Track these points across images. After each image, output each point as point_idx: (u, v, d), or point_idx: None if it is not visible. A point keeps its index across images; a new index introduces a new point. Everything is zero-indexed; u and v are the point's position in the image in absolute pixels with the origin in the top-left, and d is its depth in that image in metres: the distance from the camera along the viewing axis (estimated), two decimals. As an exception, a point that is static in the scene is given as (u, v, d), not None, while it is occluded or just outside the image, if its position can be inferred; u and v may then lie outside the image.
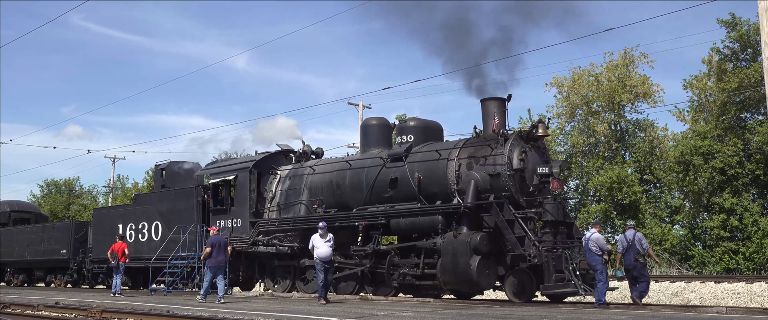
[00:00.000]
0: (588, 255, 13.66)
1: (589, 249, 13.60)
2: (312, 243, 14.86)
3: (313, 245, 14.78)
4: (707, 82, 35.31)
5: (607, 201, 36.03)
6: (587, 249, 13.64)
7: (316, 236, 14.86)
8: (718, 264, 31.03)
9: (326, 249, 14.63)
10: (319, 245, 14.63)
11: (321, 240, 14.67)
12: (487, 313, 11.36)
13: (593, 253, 13.55)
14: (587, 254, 13.69)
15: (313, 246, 14.79)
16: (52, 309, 14.10)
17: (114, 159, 53.97)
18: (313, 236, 14.97)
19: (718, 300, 19.66)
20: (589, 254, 13.61)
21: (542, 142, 16.36)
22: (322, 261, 14.60)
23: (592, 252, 13.55)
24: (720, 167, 31.77)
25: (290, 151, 21.20)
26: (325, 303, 14.05)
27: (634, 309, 13.06)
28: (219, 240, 15.76)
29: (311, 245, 14.87)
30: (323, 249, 14.59)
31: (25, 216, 34.01)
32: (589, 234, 13.75)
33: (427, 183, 16.31)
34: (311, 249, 14.90)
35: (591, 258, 13.59)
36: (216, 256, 15.48)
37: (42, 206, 56.66)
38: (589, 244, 13.59)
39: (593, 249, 13.55)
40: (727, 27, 32.55)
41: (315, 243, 14.75)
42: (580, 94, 38.44)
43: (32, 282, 31.01)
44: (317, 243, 14.70)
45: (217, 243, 15.60)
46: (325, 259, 14.63)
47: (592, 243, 13.55)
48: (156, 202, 23.15)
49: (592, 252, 13.55)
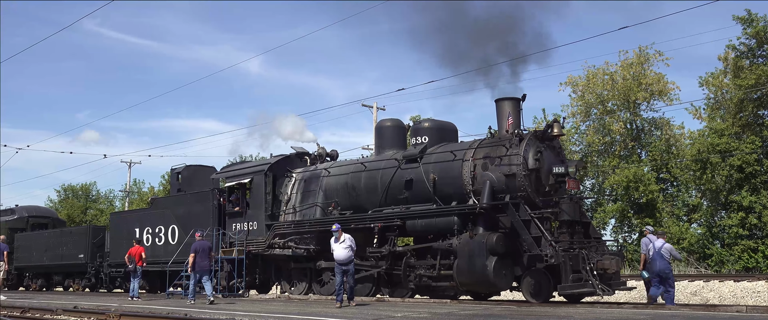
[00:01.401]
0: (660, 262, 14.42)
1: (662, 256, 14.44)
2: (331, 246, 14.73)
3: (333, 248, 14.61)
4: (723, 79, 35.06)
5: (623, 200, 35.84)
6: (659, 256, 14.42)
7: (332, 239, 14.74)
8: (736, 262, 30.78)
9: (341, 252, 14.42)
10: (335, 248, 14.50)
11: (336, 243, 14.53)
12: (504, 314, 11.31)
13: (665, 261, 14.48)
14: (658, 261, 14.42)
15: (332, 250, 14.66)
16: (71, 313, 14.17)
17: (130, 163, 54.40)
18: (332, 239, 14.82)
19: (738, 299, 19.50)
20: (662, 261, 14.43)
21: (557, 142, 16.29)
22: (338, 263, 14.42)
23: (665, 260, 14.47)
24: (738, 165, 31.50)
25: (305, 153, 21.23)
26: (340, 305, 13.91)
27: (653, 308, 12.97)
28: (202, 246, 17.00)
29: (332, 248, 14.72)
30: (338, 251, 14.42)
31: (42, 221, 34.26)
32: (661, 243, 14.56)
33: (443, 184, 16.27)
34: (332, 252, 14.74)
35: (663, 265, 14.44)
36: (200, 261, 16.74)
37: (59, 211, 57.05)
38: (663, 252, 14.44)
39: (666, 257, 14.48)
40: (743, 23, 32.27)
41: (333, 246, 14.60)
42: (595, 92, 38.28)
43: (50, 286, 31.22)
44: (332, 246, 14.59)
45: (200, 248, 16.87)
46: (342, 262, 14.43)
47: (666, 252, 14.48)
48: (172, 206, 23.24)
49: (665, 259, 14.47)
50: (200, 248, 16.88)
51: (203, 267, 16.79)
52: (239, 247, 20.09)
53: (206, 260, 16.92)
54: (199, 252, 16.79)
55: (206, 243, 17.49)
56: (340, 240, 14.41)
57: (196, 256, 16.69)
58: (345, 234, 14.62)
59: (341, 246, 14.41)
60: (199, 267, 16.74)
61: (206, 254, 16.96)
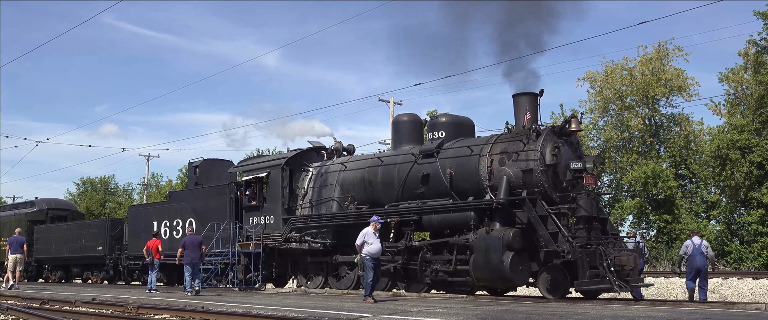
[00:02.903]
0: (700, 258, 15.64)
1: (702, 253, 15.69)
2: (363, 239, 13.74)
3: (365, 240, 13.88)
4: (744, 75, 34.71)
5: (641, 196, 35.61)
6: (700, 253, 15.66)
7: (369, 230, 13.83)
8: (756, 259, 30.52)
9: (378, 245, 13.88)
10: (372, 240, 13.74)
11: (374, 236, 13.79)
12: (520, 310, 11.28)
13: (704, 257, 15.72)
14: (698, 258, 15.62)
15: (365, 242, 13.72)
16: (89, 305, 14.28)
17: (148, 157, 54.65)
18: (366, 230, 13.86)
19: (757, 296, 19.34)
20: (701, 258, 15.64)
21: (575, 137, 16.20)
22: (372, 257, 13.76)
23: (704, 256, 15.71)
24: (758, 161, 31.19)
25: (322, 147, 21.27)
26: (373, 301, 13.26)
27: (670, 305, 12.90)
28: (192, 240, 18.12)
29: (362, 240, 13.74)
30: (376, 245, 13.79)
31: (62, 213, 34.58)
32: (700, 241, 15.88)
33: (459, 179, 16.24)
34: (360, 245, 13.77)
35: (703, 262, 15.66)
36: (190, 254, 17.79)
37: (78, 204, 57.56)
38: (702, 249, 15.71)
39: (705, 254, 15.76)
40: (763, 18, 31.91)
41: (367, 238, 13.74)
42: (613, 88, 38.03)
43: (69, 278, 31.51)
44: (369, 239, 13.74)
45: (190, 242, 18.01)
46: (377, 255, 13.89)
47: (704, 248, 15.82)
48: (190, 199, 23.38)
49: (704, 255, 15.71)
50: (190, 242, 18.02)
51: (194, 259, 17.80)
52: (256, 241, 20.17)
53: (197, 253, 17.92)
54: (189, 246, 17.88)
55: (197, 237, 18.57)
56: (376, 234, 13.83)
57: (185, 249, 17.84)
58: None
59: (378, 240, 13.87)
60: (190, 259, 17.76)
61: (196, 247, 17.98)
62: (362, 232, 13.87)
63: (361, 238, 13.76)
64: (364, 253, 13.72)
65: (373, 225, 13.90)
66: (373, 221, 14.03)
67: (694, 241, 15.85)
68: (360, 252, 13.78)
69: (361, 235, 13.80)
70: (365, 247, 13.70)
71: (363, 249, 13.72)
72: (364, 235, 13.77)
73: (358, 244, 13.78)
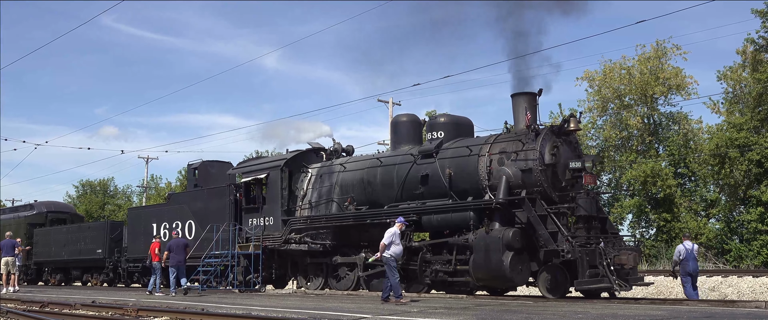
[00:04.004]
0: (692, 263, 15.92)
1: (695, 257, 16.07)
2: (391, 239, 13.34)
3: (392, 241, 13.35)
4: (742, 73, 34.75)
5: (640, 195, 35.62)
6: (693, 258, 15.98)
7: (396, 231, 13.51)
8: (755, 257, 30.53)
9: (402, 248, 13.70)
10: (398, 241, 13.47)
11: (399, 237, 13.52)
12: (520, 309, 11.28)
13: (696, 261, 16.19)
14: (691, 262, 15.87)
15: (392, 243, 13.35)
16: (89, 307, 14.28)
17: (147, 159, 54.63)
18: (394, 230, 13.48)
19: (757, 294, 19.34)
20: (694, 262, 15.97)
21: (574, 137, 16.20)
22: (396, 259, 13.47)
23: (696, 261, 16.16)
24: (757, 159, 31.23)
25: (321, 148, 21.25)
26: (406, 301, 13.01)
27: (670, 304, 12.90)
28: (177, 243, 19.18)
29: (390, 240, 13.33)
30: (400, 246, 13.61)
31: (61, 216, 34.56)
32: (692, 245, 16.18)
33: (459, 179, 16.24)
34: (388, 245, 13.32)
35: (695, 266, 16.07)
36: (176, 256, 18.86)
37: (78, 206, 57.53)
38: (694, 253, 16.04)
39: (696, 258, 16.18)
40: (762, 17, 31.97)
41: (394, 239, 13.36)
42: (611, 87, 38.05)
43: (69, 281, 31.48)
44: (396, 239, 13.42)
45: (175, 245, 19.06)
46: (399, 257, 13.66)
47: (696, 252, 16.25)
48: (189, 201, 23.36)
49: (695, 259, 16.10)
50: (175, 245, 19.08)
51: (179, 261, 18.87)
52: (256, 242, 20.17)
53: (181, 255, 18.98)
54: (174, 249, 18.92)
55: (182, 240, 19.72)
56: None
57: (170, 252, 18.88)
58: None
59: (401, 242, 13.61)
60: (176, 261, 18.86)
61: (181, 250, 19.04)
62: (390, 232, 13.48)
63: (389, 238, 13.37)
64: (388, 254, 13.36)
65: (399, 226, 13.61)
66: (400, 222, 13.74)
67: (687, 246, 16.02)
68: (383, 252, 13.36)
69: (388, 235, 13.42)
70: (392, 248, 13.38)
71: (389, 251, 13.33)
72: (391, 235, 13.40)
73: (385, 243, 13.37)
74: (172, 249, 19.03)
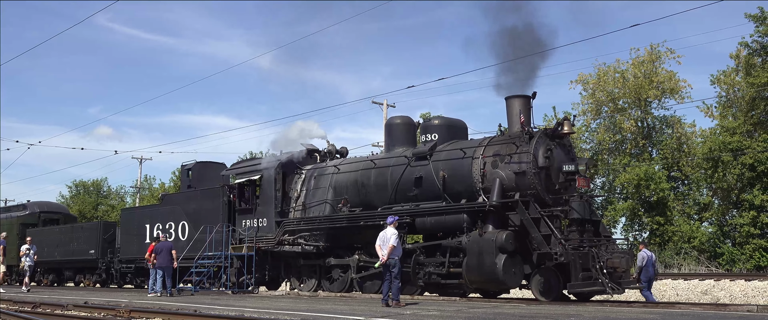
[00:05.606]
0: (652, 269, 16.99)
1: (653, 264, 17.13)
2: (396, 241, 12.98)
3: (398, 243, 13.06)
4: (735, 77, 34.86)
5: (634, 198, 35.70)
6: (652, 264, 17.01)
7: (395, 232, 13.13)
8: (748, 261, 30.63)
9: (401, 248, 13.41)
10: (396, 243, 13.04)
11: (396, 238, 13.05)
12: (513, 312, 11.29)
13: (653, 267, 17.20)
14: (650, 268, 16.92)
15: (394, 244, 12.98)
16: (82, 308, 14.24)
17: (141, 159, 54.54)
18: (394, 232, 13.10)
19: (749, 298, 19.41)
20: (652, 268, 17.07)
21: (568, 140, 16.23)
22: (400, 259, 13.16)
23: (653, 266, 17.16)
24: (749, 163, 31.32)
25: (315, 150, 21.24)
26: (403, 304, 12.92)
27: (663, 307, 12.93)
28: (164, 246, 19.52)
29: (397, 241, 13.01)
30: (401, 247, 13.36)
31: (54, 216, 34.46)
32: (650, 253, 17.21)
33: (452, 181, 16.24)
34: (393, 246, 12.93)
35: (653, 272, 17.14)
36: (161, 259, 19.23)
37: (71, 207, 57.35)
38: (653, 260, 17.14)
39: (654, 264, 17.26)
40: (755, 21, 32.08)
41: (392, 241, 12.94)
42: (605, 90, 38.13)
43: (62, 282, 31.40)
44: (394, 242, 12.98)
45: (162, 248, 19.40)
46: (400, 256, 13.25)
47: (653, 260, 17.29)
48: (183, 202, 23.32)
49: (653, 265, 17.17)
50: (162, 248, 19.40)
51: (164, 263, 19.22)
52: (249, 244, 20.15)
53: (168, 258, 19.31)
54: (161, 252, 19.27)
55: (168, 243, 19.96)
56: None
57: (157, 255, 19.25)
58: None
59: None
60: (160, 263, 19.22)
61: (167, 253, 19.37)
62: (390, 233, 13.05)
63: (394, 239, 12.97)
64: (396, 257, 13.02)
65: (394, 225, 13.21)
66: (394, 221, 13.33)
67: (647, 253, 17.09)
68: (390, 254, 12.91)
69: (394, 237, 13.02)
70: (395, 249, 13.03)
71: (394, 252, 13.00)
72: (396, 237, 13.01)
73: (393, 245, 12.93)
74: (159, 252, 19.35)
